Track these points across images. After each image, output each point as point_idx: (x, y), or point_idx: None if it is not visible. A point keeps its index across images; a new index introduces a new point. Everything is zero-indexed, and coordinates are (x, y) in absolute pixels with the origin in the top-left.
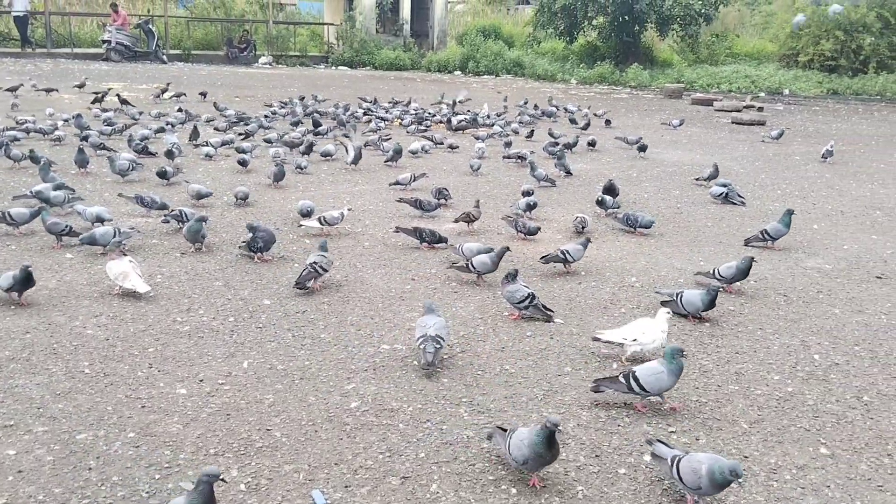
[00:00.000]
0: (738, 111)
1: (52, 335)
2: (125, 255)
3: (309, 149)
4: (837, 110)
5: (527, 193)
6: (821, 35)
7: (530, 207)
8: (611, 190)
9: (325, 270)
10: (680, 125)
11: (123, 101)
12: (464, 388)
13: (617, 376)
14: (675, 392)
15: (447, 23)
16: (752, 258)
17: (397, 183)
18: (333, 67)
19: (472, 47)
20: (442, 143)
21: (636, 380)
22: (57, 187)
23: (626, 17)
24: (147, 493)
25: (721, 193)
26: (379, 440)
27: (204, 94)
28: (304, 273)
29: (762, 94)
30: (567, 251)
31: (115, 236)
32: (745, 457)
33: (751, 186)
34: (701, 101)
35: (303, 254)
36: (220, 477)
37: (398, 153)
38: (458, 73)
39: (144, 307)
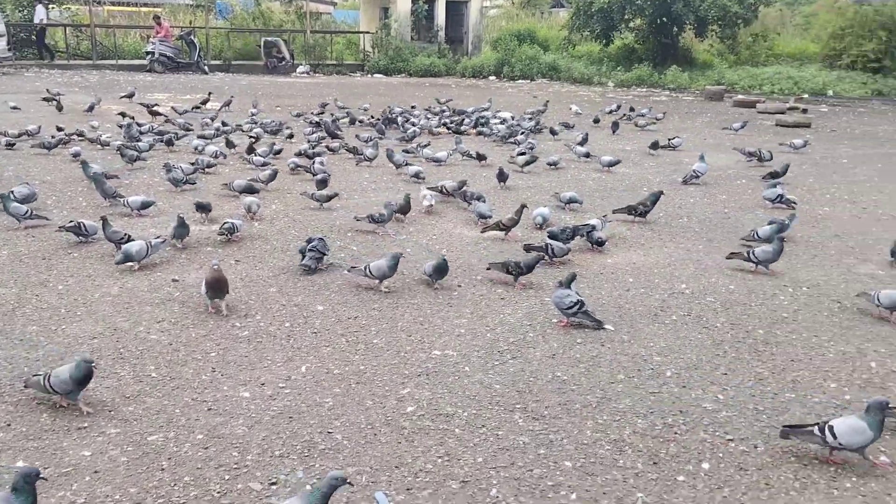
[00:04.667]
0: (782, 113)
1: (118, 340)
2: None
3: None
4: (884, 112)
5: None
6: (864, 35)
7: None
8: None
9: (323, 254)
10: (742, 128)
11: (154, 113)
12: (517, 395)
13: (811, 427)
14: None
15: (482, 28)
16: None
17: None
18: (369, 75)
19: (506, 52)
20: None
21: (832, 431)
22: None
23: (664, 19)
24: (218, 492)
25: (778, 196)
26: (437, 444)
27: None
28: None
29: (805, 96)
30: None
31: (147, 251)
32: (805, 464)
33: (799, 190)
34: (743, 104)
35: (351, 260)
36: (347, 481)
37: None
38: (493, 78)
39: (204, 313)
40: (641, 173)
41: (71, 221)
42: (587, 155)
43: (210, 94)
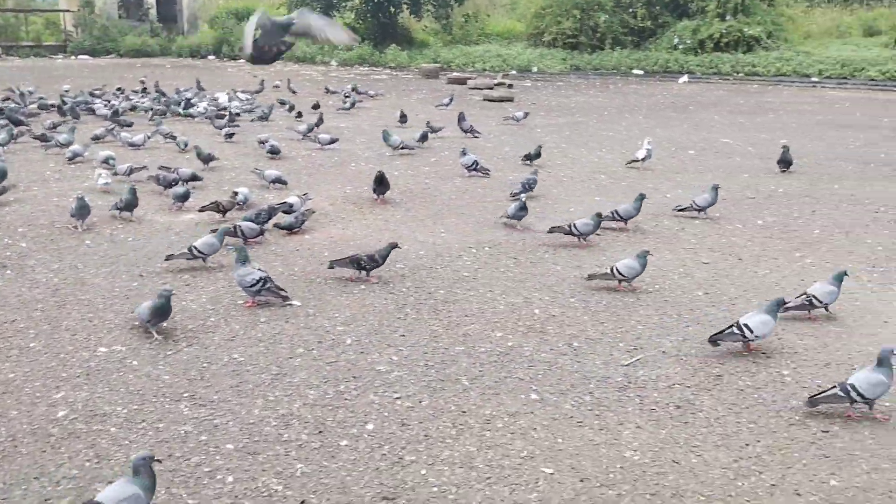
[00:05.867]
0: (490, 89)
1: None
2: None
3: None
4: (578, 85)
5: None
6: (562, 14)
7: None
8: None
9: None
10: (450, 103)
11: None
12: (186, 383)
13: (730, 328)
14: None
15: (197, 6)
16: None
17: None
18: (73, 57)
19: (225, 30)
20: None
21: (748, 328)
22: None
23: None
24: None
25: (472, 163)
26: (86, 448)
27: None
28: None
29: (513, 72)
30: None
31: None
32: (463, 412)
33: (495, 159)
34: (456, 80)
35: (18, 258)
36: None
37: None
38: (212, 57)
39: None
40: (352, 149)
41: None
42: (309, 132)
43: None
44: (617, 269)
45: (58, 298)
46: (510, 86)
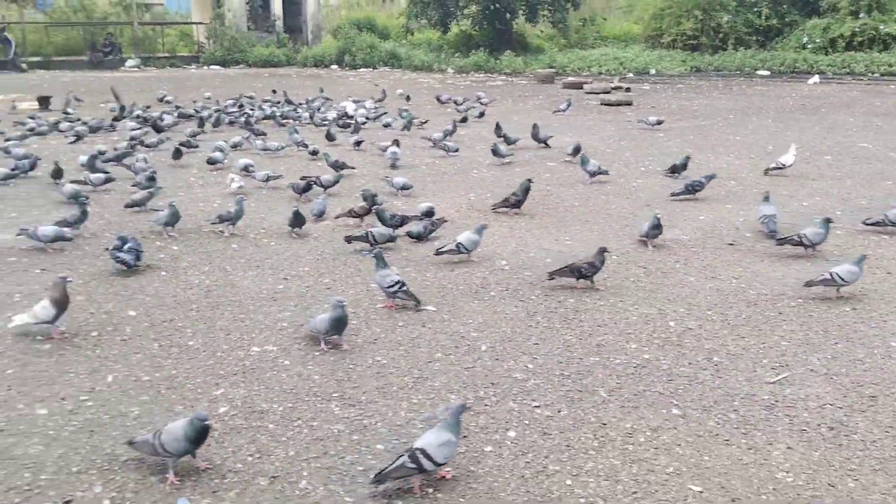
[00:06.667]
0: (607, 93)
1: None
2: None
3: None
4: (700, 87)
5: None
6: (682, 15)
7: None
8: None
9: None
10: (568, 108)
11: None
12: (335, 384)
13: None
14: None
15: (321, 17)
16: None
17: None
18: (205, 67)
19: (347, 40)
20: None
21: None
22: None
23: (497, 5)
24: None
25: (596, 169)
26: (248, 442)
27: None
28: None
29: (630, 75)
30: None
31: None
32: (604, 424)
33: (616, 164)
34: (572, 85)
35: (171, 261)
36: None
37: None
38: (335, 66)
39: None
40: (473, 156)
41: None
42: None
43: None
44: (838, 275)
45: (210, 299)
46: (628, 89)
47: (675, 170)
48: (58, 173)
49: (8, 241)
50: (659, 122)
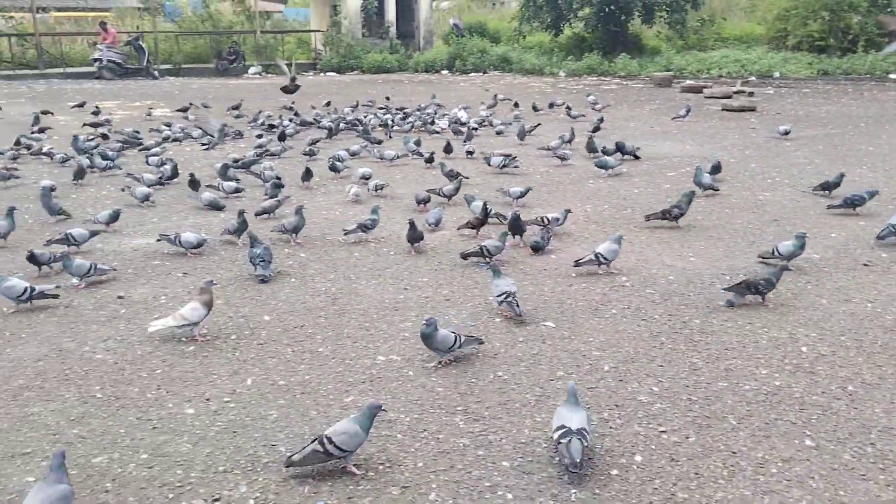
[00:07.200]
0: (729, 97)
1: (63, 362)
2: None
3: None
4: (827, 91)
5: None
6: (808, 16)
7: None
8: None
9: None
10: (687, 115)
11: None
12: (459, 397)
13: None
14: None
15: (433, 22)
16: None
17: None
18: (322, 73)
19: (458, 45)
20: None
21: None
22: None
23: (613, 7)
24: None
25: (710, 183)
26: (378, 451)
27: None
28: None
29: (752, 78)
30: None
31: (90, 272)
32: (734, 452)
33: (741, 176)
34: (691, 89)
35: (299, 268)
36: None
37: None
38: (446, 72)
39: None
40: (587, 165)
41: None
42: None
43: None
44: None
45: (337, 307)
46: (751, 94)
47: (827, 187)
48: (194, 184)
49: (151, 245)
50: (786, 133)
